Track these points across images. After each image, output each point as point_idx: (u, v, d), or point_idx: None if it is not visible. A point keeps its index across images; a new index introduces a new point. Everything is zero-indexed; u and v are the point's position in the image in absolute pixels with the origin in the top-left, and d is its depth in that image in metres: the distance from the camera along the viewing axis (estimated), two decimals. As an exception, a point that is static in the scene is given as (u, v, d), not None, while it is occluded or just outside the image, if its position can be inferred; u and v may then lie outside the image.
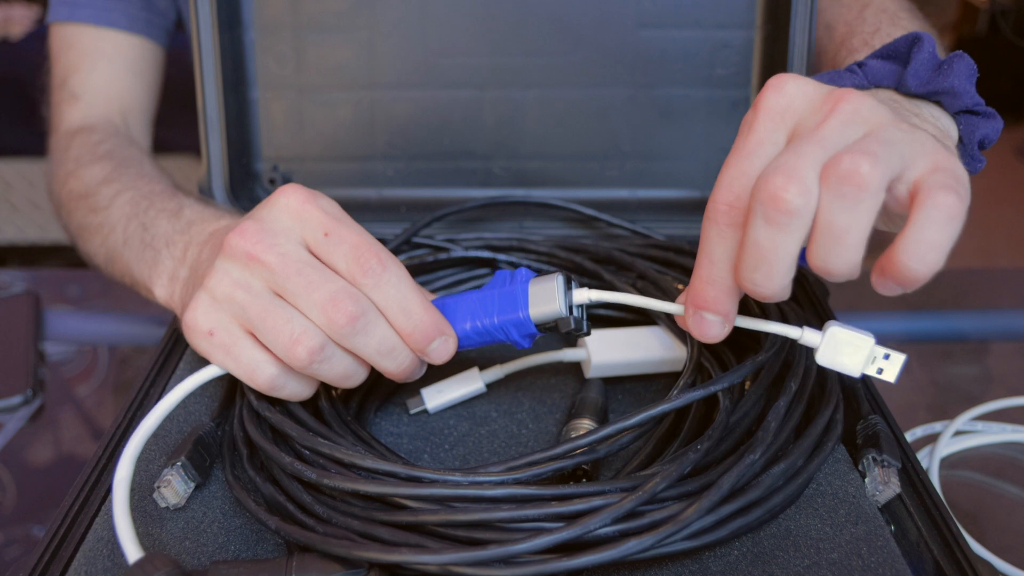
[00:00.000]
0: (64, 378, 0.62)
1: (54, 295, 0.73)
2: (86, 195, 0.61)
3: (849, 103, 0.31)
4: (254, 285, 0.38)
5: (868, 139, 0.30)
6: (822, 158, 0.30)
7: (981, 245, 2.29)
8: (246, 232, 0.38)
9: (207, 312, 0.39)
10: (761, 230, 0.30)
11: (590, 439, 0.36)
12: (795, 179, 0.29)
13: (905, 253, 0.29)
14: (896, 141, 0.30)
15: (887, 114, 0.31)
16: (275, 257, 0.37)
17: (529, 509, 0.33)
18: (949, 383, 0.61)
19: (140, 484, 0.40)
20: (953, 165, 0.30)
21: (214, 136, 0.57)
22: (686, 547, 0.34)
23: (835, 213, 0.29)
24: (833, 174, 0.29)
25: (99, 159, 0.64)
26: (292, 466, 0.36)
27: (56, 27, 0.74)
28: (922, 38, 0.40)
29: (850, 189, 0.29)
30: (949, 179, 0.29)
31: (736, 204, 0.32)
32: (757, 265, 0.31)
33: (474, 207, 0.58)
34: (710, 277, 0.34)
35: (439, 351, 0.39)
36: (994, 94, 1.90)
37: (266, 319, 0.37)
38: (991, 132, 0.40)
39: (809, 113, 0.32)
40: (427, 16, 0.59)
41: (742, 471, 0.35)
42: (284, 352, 0.37)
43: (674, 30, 0.59)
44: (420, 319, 0.38)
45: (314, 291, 0.37)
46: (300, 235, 0.38)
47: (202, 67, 0.56)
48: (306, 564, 0.34)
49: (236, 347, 0.39)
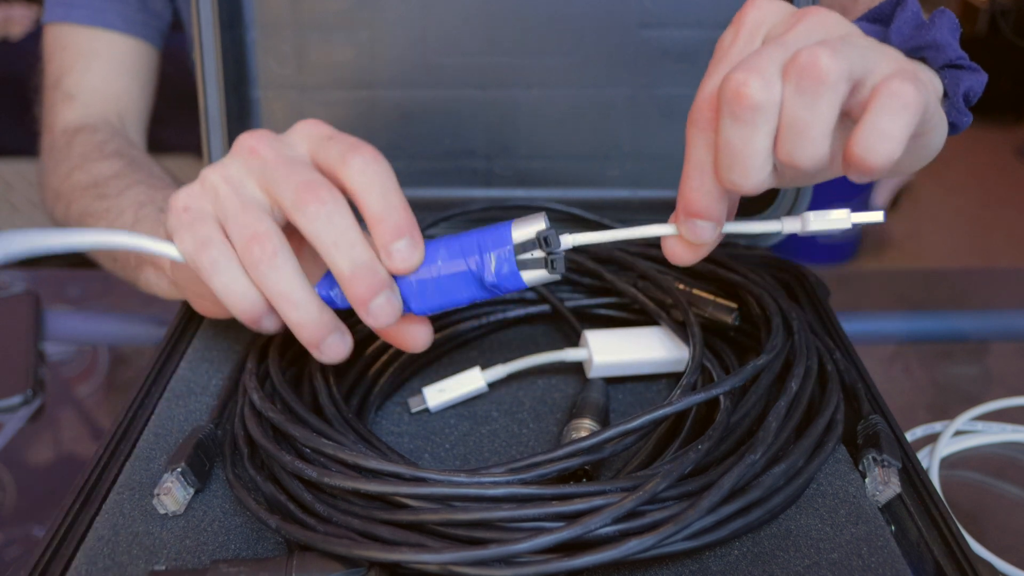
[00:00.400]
0: (64, 378, 0.62)
1: (54, 295, 0.72)
2: (95, 185, 0.62)
3: (817, 14, 0.32)
4: (245, 184, 0.37)
5: (831, 39, 0.31)
6: (785, 56, 0.30)
7: (981, 245, 2.29)
8: (256, 132, 0.39)
9: (191, 193, 0.38)
10: (730, 128, 0.31)
11: (592, 442, 0.36)
12: (755, 73, 0.30)
13: (859, 143, 0.30)
14: (859, 46, 0.31)
15: (854, 28, 0.32)
16: (273, 154, 0.37)
17: (530, 508, 0.33)
18: (949, 383, 0.61)
19: (141, 483, 0.40)
20: (915, 69, 0.30)
21: (215, 135, 0.57)
22: (686, 547, 0.34)
23: (797, 107, 0.30)
24: (793, 68, 0.30)
25: (108, 157, 0.64)
26: (292, 464, 0.36)
27: (51, 27, 0.74)
28: (904, 1, 0.40)
29: (809, 83, 0.29)
30: (908, 74, 0.30)
31: (714, 106, 0.33)
32: (732, 164, 0.32)
33: (477, 210, 0.58)
34: (699, 184, 0.34)
35: (403, 252, 0.36)
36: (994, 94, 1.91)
37: (239, 213, 0.36)
38: (976, 84, 0.39)
39: (779, 23, 0.33)
40: (428, 16, 0.59)
41: (743, 471, 0.35)
42: (242, 247, 0.36)
43: (675, 30, 0.59)
44: (398, 209, 0.36)
45: (295, 175, 0.36)
46: (306, 147, 0.38)
47: (203, 66, 0.56)
48: (306, 563, 0.34)
49: (197, 224, 0.37)
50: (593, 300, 0.52)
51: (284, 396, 0.41)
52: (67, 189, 0.65)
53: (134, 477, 0.41)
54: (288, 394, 0.41)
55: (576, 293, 0.53)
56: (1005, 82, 2.93)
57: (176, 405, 0.46)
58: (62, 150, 0.68)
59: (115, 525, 0.38)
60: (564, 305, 0.52)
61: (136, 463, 0.42)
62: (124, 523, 0.38)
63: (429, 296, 0.38)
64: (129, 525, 0.38)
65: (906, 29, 0.39)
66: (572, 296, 0.53)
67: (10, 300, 0.67)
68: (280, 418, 0.39)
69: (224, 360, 0.49)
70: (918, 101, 0.29)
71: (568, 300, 0.53)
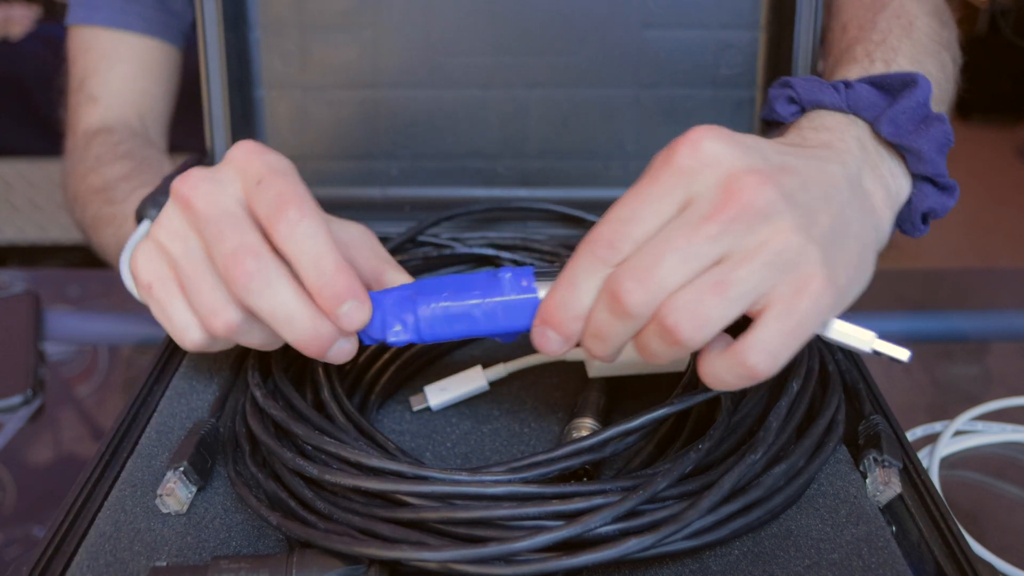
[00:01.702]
0: (64, 378, 0.62)
1: (54, 295, 0.72)
2: (105, 189, 0.62)
3: (744, 205, 0.31)
4: (189, 238, 0.37)
5: (725, 269, 0.31)
6: (682, 269, 0.31)
7: (981, 245, 2.29)
8: (189, 177, 0.37)
9: (147, 260, 0.38)
10: (604, 313, 0.33)
11: (593, 441, 0.36)
12: (643, 287, 0.31)
13: (706, 376, 0.33)
14: (757, 271, 0.31)
15: (783, 221, 0.31)
16: (204, 204, 0.36)
17: (530, 507, 0.33)
18: (949, 383, 0.61)
19: (143, 480, 0.41)
20: (817, 295, 0.31)
21: (219, 135, 0.57)
22: (686, 546, 0.34)
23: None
24: (675, 308, 0.31)
25: (119, 158, 0.64)
26: (294, 461, 0.36)
27: (74, 30, 0.74)
28: (918, 81, 0.38)
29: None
30: (785, 325, 0.31)
31: (614, 249, 0.32)
32: (594, 338, 0.34)
33: (480, 210, 0.58)
34: (565, 301, 0.34)
35: (351, 316, 0.35)
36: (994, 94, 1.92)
37: (193, 282, 0.36)
38: (940, 207, 0.40)
39: (706, 191, 0.32)
40: (432, 15, 0.59)
41: (743, 471, 0.35)
42: (204, 322, 0.37)
43: (679, 30, 0.59)
44: (332, 277, 0.35)
45: (222, 241, 0.35)
46: (240, 186, 0.37)
47: (207, 66, 0.56)
48: (307, 560, 0.34)
49: (170, 307, 0.38)
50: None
51: (286, 393, 0.41)
52: (82, 192, 0.66)
53: (136, 474, 0.41)
54: (290, 391, 0.41)
55: (577, 292, 0.53)
56: (1005, 82, 2.93)
57: (178, 402, 0.46)
58: (81, 152, 0.69)
59: (117, 521, 0.38)
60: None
61: (138, 460, 0.42)
62: (126, 519, 0.38)
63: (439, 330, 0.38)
64: (131, 521, 0.38)
65: (902, 121, 0.38)
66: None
67: (10, 300, 0.67)
68: (282, 415, 0.39)
69: (226, 357, 0.49)
70: (769, 370, 0.31)
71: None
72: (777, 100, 0.41)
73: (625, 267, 0.32)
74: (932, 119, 0.38)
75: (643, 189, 0.33)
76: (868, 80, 0.40)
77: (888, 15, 0.50)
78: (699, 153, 0.32)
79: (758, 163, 0.32)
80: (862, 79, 0.40)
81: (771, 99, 0.42)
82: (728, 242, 0.31)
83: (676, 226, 0.31)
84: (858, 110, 0.39)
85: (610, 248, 0.32)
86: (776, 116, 0.41)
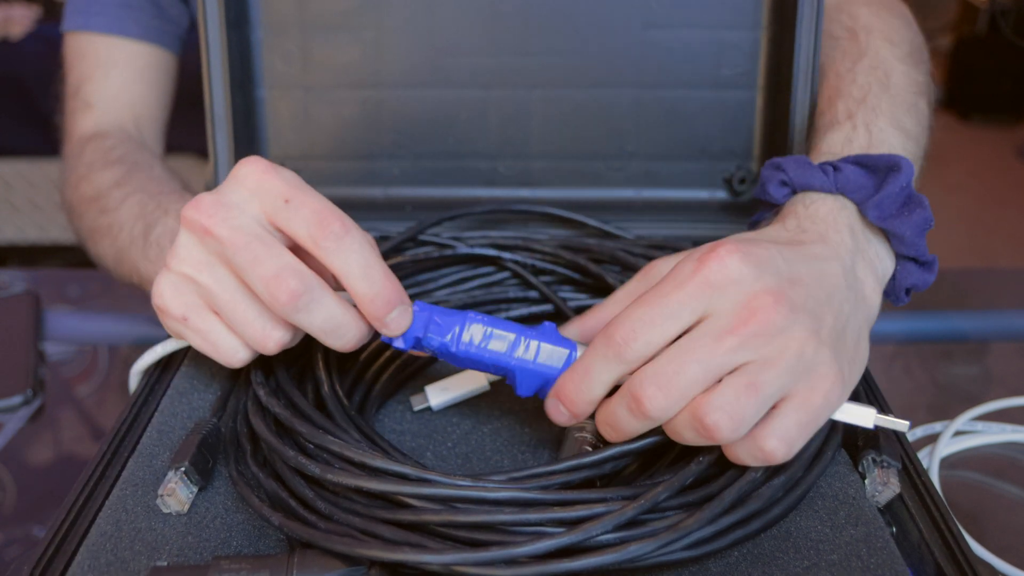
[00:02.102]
0: (64, 378, 0.62)
1: (54, 295, 0.73)
2: (97, 198, 0.62)
3: (763, 322, 0.34)
4: (214, 266, 0.38)
5: (753, 372, 0.34)
6: (703, 378, 0.34)
7: (981, 245, 2.29)
8: (201, 204, 0.37)
9: (176, 294, 0.39)
10: (623, 410, 0.35)
11: (594, 459, 0.36)
12: (665, 395, 0.34)
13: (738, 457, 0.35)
14: (782, 374, 0.34)
15: (797, 331, 0.34)
16: (227, 231, 0.37)
17: (531, 513, 0.33)
18: (949, 383, 0.61)
19: (144, 480, 0.41)
20: (828, 391, 0.35)
21: (221, 134, 0.57)
22: (686, 556, 0.34)
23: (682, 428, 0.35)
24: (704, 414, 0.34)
25: (111, 164, 0.64)
26: (295, 460, 0.36)
27: (70, 36, 0.74)
28: (900, 165, 0.41)
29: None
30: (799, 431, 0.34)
31: (631, 350, 0.35)
32: (609, 427, 0.36)
33: (481, 212, 0.58)
34: (579, 386, 0.37)
35: (398, 321, 0.38)
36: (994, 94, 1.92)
37: (234, 310, 0.38)
38: (922, 282, 0.42)
39: (728, 307, 0.34)
40: (433, 16, 0.59)
41: (743, 487, 0.35)
42: (254, 345, 0.39)
43: (680, 30, 0.59)
44: (383, 285, 0.37)
45: (259, 266, 0.36)
46: (258, 207, 0.37)
47: (209, 65, 0.56)
48: (307, 561, 0.34)
49: (212, 334, 0.39)
50: (596, 300, 0.52)
51: (288, 392, 0.41)
52: (76, 201, 0.66)
53: (137, 473, 0.41)
54: (292, 390, 0.41)
55: (579, 293, 0.53)
56: (1005, 82, 2.93)
57: (179, 402, 0.46)
58: (75, 160, 0.69)
59: (118, 521, 0.38)
60: (567, 305, 0.52)
61: (139, 459, 0.42)
62: (127, 519, 0.38)
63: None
64: (132, 521, 0.38)
65: (887, 205, 0.41)
66: (575, 296, 0.53)
67: (10, 300, 0.67)
68: (285, 413, 0.39)
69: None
70: (784, 456, 0.35)
71: (571, 300, 0.53)
72: (770, 183, 0.44)
73: (648, 374, 0.34)
74: (914, 204, 0.41)
75: (667, 295, 0.35)
76: (854, 160, 0.43)
77: (865, 67, 0.52)
78: (726, 270, 0.34)
79: (773, 282, 0.35)
80: (848, 158, 0.43)
81: (764, 181, 0.44)
82: (746, 354, 0.34)
83: (697, 337, 0.34)
84: (846, 192, 0.42)
85: (627, 348, 0.35)
86: (769, 198, 0.44)
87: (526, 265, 0.53)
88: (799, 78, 0.55)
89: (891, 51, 0.54)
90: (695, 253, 0.36)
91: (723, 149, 0.61)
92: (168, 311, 0.39)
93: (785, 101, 0.57)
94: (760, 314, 0.34)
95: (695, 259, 0.35)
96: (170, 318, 0.40)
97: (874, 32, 0.55)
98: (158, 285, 0.39)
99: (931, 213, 0.40)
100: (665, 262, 0.42)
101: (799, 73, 0.55)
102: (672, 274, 0.35)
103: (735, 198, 0.62)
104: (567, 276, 0.53)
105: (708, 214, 0.61)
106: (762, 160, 0.61)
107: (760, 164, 0.61)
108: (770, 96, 0.60)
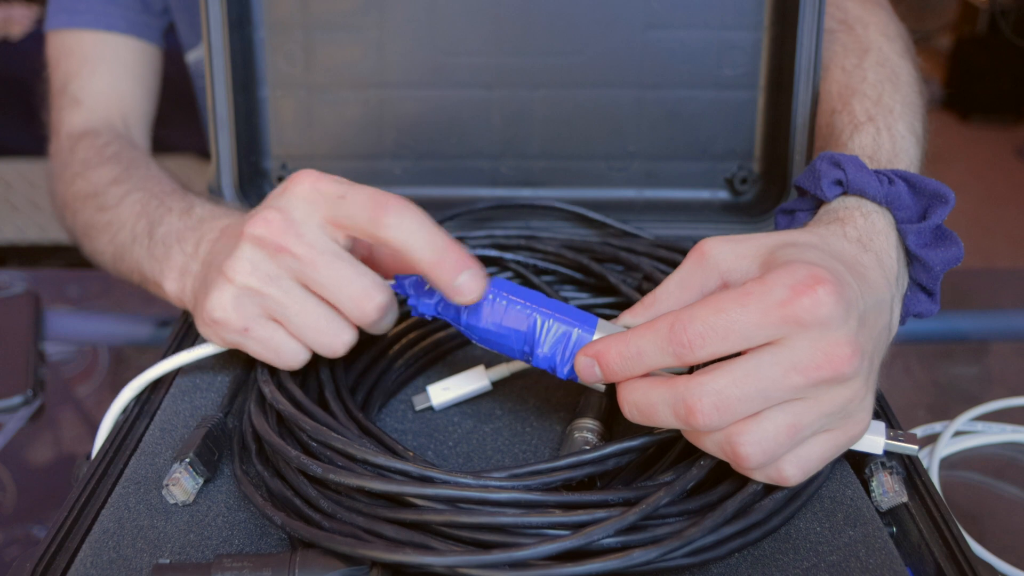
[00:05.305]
0: (64, 378, 0.62)
1: (54, 295, 0.73)
2: (94, 195, 0.61)
3: (836, 372, 0.33)
4: (283, 279, 0.39)
5: (799, 412, 0.33)
6: (758, 405, 0.33)
7: (981, 245, 2.29)
8: (271, 222, 0.39)
9: (238, 306, 0.40)
10: (666, 408, 0.34)
11: (595, 455, 0.36)
12: (720, 415, 0.33)
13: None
14: (824, 418, 0.34)
15: (857, 382, 0.34)
16: (304, 249, 0.39)
17: (533, 515, 0.33)
18: (949, 383, 0.61)
19: (147, 477, 0.41)
20: (858, 434, 0.36)
21: (223, 134, 0.58)
22: (686, 563, 0.34)
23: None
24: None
25: (107, 161, 0.64)
26: (298, 460, 0.37)
27: (54, 34, 0.74)
28: (948, 198, 0.40)
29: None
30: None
31: (691, 351, 0.33)
32: (639, 412, 0.35)
33: (483, 208, 0.58)
34: (627, 362, 0.35)
35: (469, 284, 0.38)
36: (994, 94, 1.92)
37: (306, 318, 0.40)
38: (927, 311, 0.42)
39: (806, 345, 0.33)
40: (436, 16, 0.59)
41: (745, 498, 0.35)
42: (326, 349, 0.41)
43: (682, 31, 0.59)
44: (448, 249, 0.38)
45: (348, 285, 0.39)
46: (320, 215, 0.39)
47: (212, 66, 0.56)
48: (309, 560, 0.34)
49: (274, 341, 0.41)
50: (597, 300, 0.52)
51: (291, 390, 0.41)
52: (70, 198, 0.65)
53: (139, 471, 0.41)
54: (295, 389, 0.41)
55: (580, 293, 0.53)
56: (1005, 82, 2.93)
57: (181, 401, 0.46)
58: (66, 156, 0.68)
59: (120, 518, 0.38)
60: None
61: (141, 457, 0.42)
62: (129, 516, 0.39)
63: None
64: (134, 518, 0.38)
65: (927, 234, 0.41)
66: (576, 296, 0.53)
67: (10, 300, 0.67)
68: (289, 410, 0.39)
69: (230, 357, 0.49)
70: (798, 481, 0.35)
71: (572, 300, 0.53)
72: (825, 178, 0.42)
73: (709, 391, 0.33)
74: (946, 236, 0.41)
75: (748, 314, 0.33)
76: (903, 176, 0.42)
77: (873, 63, 0.52)
78: (819, 312, 0.33)
79: (853, 328, 0.34)
80: (898, 172, 0.42)
81: (819, 175, 0.42)
82: (804, 393, 0.33)
83: (766, 366, 0.33)
84: (892, 207, 0.41)
85: (691, 351, 0.33)
86: (821, 194, 0.43)
87: (528, 265, 0.53)
88: (800, 78, 0.55)
89: (891, 47, 0.54)
90: (785, 275, 0.33)
91: (725, 149, 0.61)
92: (229, 324, 0.40)
93: (787, 101, 0.57)
94: (835, 363, 0.33)
95: (788, 287, 0.33)
96: (230, 330, 0.41)
97: (869, 26, 0.55)
98: (218, 299, 0.40)
99: (963, 250, 0.40)
100: (718, 246, 0.38)
101: (800, 73, 0.55)
102: (760, 292, 0.33)
103: (737, 198, 0.62)
104: (569, 276, 0.53)
105: (710, 214, 0.61)
106: (763, 160, 0.61)
107: (761, 164, 0.61)
108: (772, 96, 0.60)
